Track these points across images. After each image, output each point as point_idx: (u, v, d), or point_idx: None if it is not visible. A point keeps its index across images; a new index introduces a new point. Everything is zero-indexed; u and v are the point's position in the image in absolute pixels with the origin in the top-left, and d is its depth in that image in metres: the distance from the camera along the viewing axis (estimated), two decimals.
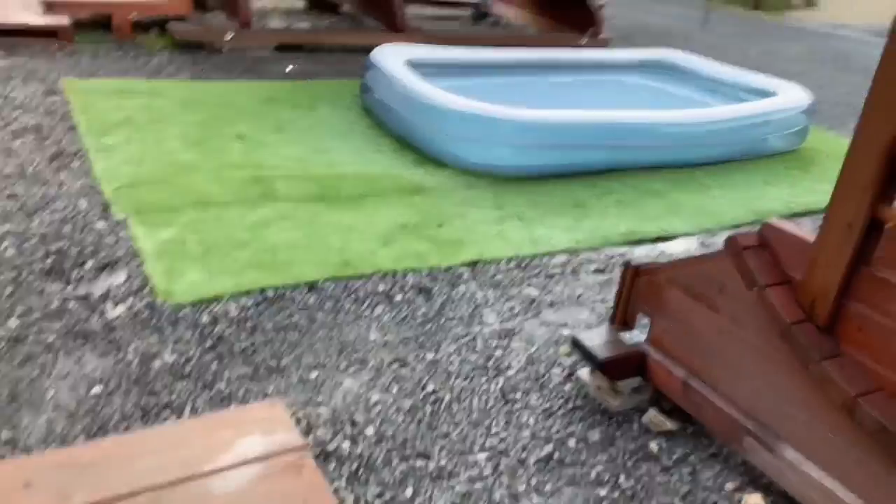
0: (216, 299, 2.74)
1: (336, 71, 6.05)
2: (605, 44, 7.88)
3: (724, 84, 5.63)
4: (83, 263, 2.87)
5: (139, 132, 4.17)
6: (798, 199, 4.38)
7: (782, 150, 5.06)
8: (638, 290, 2.38)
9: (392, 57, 5.05)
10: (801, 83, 5.45)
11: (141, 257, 2.95)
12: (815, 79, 7.91)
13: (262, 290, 2.84)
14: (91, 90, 4.72)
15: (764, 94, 5.29)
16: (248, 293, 2.80)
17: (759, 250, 1.95)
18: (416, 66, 5.14)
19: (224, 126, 4.46)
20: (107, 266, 2.87)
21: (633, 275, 2.39)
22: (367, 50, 5.09)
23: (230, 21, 6.37)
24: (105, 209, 3.30)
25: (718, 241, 3.77)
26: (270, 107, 4.92)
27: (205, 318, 2.63)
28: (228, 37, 6.01)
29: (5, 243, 2.92)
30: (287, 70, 5.56)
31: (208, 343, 2.51)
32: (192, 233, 3.18)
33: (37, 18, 5.48)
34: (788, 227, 1.93)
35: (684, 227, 3.87)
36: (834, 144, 5.39)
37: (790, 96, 5.13)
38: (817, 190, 4.50)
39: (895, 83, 1.62)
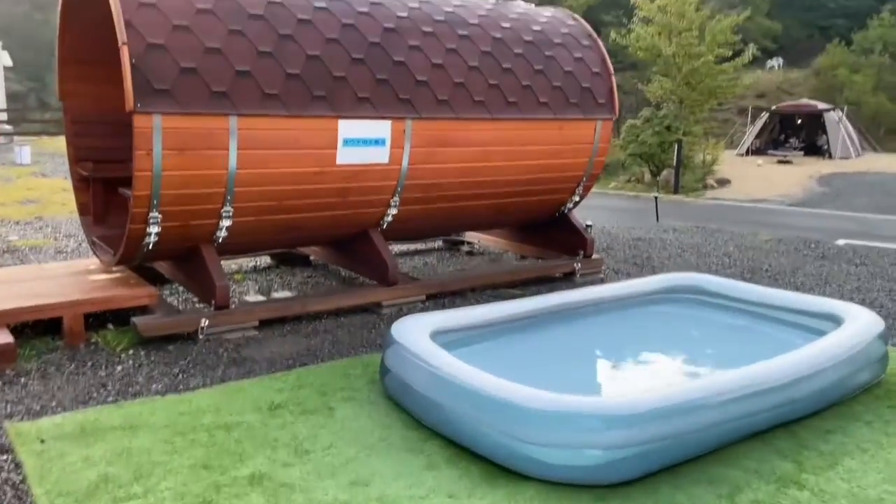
0: None
1: (333, 345, 5.22)
2: (599, 265, 7.47)
3: (778, 309, 5.11)
4: None
5: (122, 499, 3.10)
6: None
7: (868, 383, 4.43)
8: None
9: (417, 332, 4.27)
10: (802, 285, 4.97)
11: None
12: (815, 275, 7.63)
13: None
14: (48, 437, 3.65)
15: (828, 318, 4.76)
16: None
17: None
18: (439, 335, 4.40)
19: (231, 464, 3.45)
20: None
21: None
22: (358, 310, 4.30)
23: (201, 303, 5.55)
24: None
25: None
26: (278, 419, 3.96)
27: None
28: (204, 323, 5.14)
29: None
30: None
31: None
32: None
33: None
34: None
35: None
36: None
37: (863, 319, 4.59)
38: None
39: None
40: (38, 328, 5.16)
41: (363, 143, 5.76)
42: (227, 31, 5.03)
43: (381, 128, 5.81)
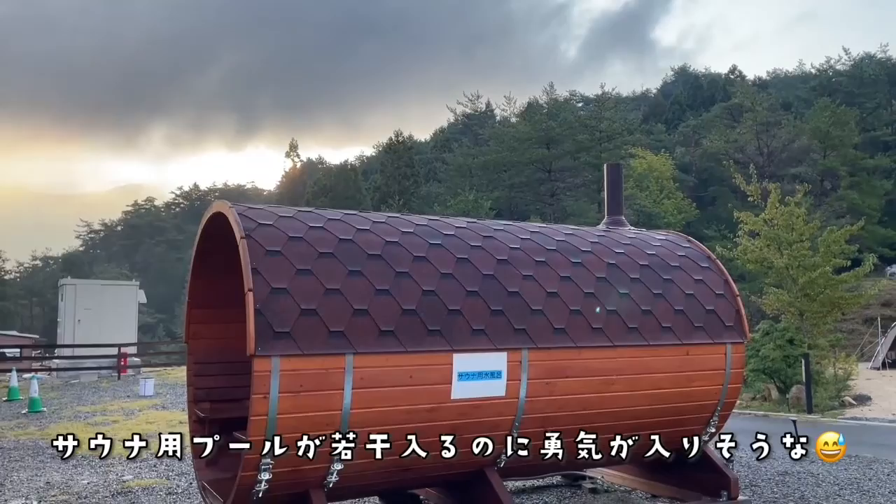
0: None
1: None
2: None
3: None
4: None
5: None
6: None
7: None
8: None
9: None
10: None
11: None
12: None
13: None
14: None
15: None
16: None
17: None
18: None
19: None
20: None
21: None
22: None
23: None
24: None
25: None
26: None
27: None
28: None
29: None
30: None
31: None
32: None
33: None
34: None
35: None
36: None
37: None
38: None
39: None
40: None
41: (478, 376, 5.52)
42: (347, 272, 5.14)
43: (496, 360, 5.59)
